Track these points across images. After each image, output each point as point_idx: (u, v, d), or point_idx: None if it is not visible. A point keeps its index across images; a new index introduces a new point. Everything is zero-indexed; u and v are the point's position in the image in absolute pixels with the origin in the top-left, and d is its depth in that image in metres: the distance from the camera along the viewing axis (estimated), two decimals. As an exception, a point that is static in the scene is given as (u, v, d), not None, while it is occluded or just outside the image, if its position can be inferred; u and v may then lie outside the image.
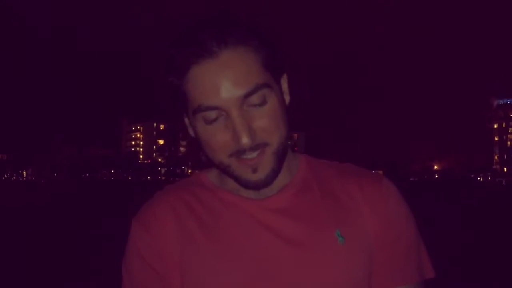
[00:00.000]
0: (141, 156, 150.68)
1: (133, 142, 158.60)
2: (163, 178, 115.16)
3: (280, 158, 0.91)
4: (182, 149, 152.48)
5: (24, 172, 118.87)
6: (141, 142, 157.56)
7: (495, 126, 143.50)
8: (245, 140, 0.84)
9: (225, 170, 0.92)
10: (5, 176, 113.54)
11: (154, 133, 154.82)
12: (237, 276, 0.89)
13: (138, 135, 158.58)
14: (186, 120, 0.96)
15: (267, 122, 0.86)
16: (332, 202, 0.96)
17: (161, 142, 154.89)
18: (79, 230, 13.38)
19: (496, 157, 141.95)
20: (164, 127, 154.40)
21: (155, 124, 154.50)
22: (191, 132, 0.96)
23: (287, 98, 0.95)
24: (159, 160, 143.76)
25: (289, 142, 0.95)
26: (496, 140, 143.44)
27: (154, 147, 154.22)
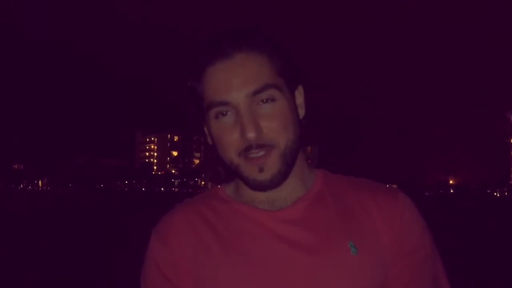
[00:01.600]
0: (155, 167, 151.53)
1: (147, 153, 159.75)
2: (177, 189, 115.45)
3: (288, 161, 0.92)
4: (195, 160, 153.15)
5: (40, 182, 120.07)
6: (155, 154, 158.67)
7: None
8: (250, 134, 0.87)
9: (235, 171, 0.94)
10: (21, 185, 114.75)
11: (168, 144, 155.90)
12: (250, 285, 0.91)
13: (152, 147, 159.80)
14: (206, 129, 0.99)
15: (274, 122, 0.90)
16: (346, 214, 0.97)
17: (174, 153, 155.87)
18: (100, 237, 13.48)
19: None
20: (178, 138, 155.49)
21: (169, 136, 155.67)
22: (209, 140, 0.99)
23: (301, 112, 0.98)
24: (173, 171, 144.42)
25: (303, 154, 0.98)
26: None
27: (168, 158, 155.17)
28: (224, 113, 0.90)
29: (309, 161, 0.97)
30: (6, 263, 9.46)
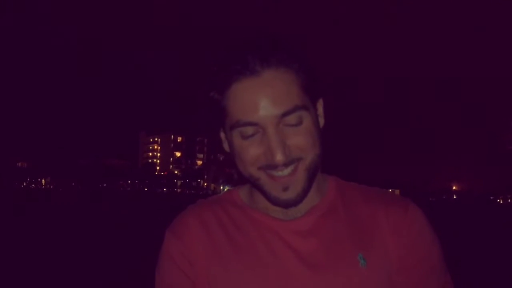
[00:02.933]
0: (158, 168, 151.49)
1: (150, 154, 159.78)
2: (179, 190, 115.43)
3: (311, 176, 0.93)
4: (198, 161, 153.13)
5: (43, 180, 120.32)
6: (158, 154, 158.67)
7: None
8: (279, 157, 0.87)
9: (255, 184, 0.95)
10: (24, 183, 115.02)
11: (172, 145, 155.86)
12: None
13: (155, 147, 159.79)
14: (222, 135, 1.00)
15: (302, 139, 0.90)
16: (356, 225, 0.98)
17: (178, 154, 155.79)
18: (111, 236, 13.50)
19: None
20: (182, 139, 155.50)
21: (172, 137, 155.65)
22: (226, 147, 1.00)
23: (321, 121, 0.99)
24: (176, 172, 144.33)
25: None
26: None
27: (171, 159, 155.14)
28: (251, 133, 0.90)
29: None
30: (8, 263, 9.46)
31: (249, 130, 0.89)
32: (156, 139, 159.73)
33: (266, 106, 0.87)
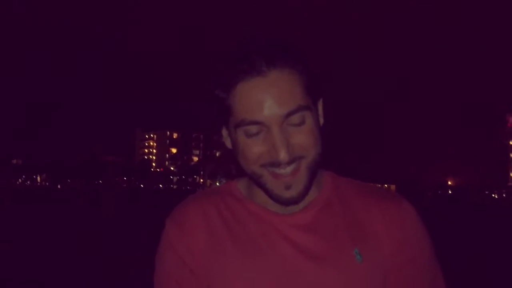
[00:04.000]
0: (153, 164, 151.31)
1: (146, 150, 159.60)
2: (175, 186, 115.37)
3: (313, 175, 0.95)
4: (194, 158, 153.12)
5: (39, 177, 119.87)
6: (154, 151, 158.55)
7: (511, 142, 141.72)
8: (283, 155, 0.90)
9: (257, 181, 0.96)
10: (19, 180, 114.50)
11: (167, 141, 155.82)
12: (259, 285, 0.94)
13: (151, 143, 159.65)
14: (224, 132, 1.01)
15: (304, 138, 0.92)
16: (352, 221, 1.00)
17: (173, 150, 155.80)
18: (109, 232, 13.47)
19: (511, 174, 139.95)
20: (177, 136, 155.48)
21: (168, 133, 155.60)
22: (228, 144, 1.02)
23: (321, 121, 1.01)
24: (172, 168, 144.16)
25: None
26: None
27: (167, 155, 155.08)
28: (255, 132, 0.91)
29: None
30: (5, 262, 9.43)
31: (254, 128, 0.91)
32: (151, 135, 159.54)
33: (271, 106, 0.89)
